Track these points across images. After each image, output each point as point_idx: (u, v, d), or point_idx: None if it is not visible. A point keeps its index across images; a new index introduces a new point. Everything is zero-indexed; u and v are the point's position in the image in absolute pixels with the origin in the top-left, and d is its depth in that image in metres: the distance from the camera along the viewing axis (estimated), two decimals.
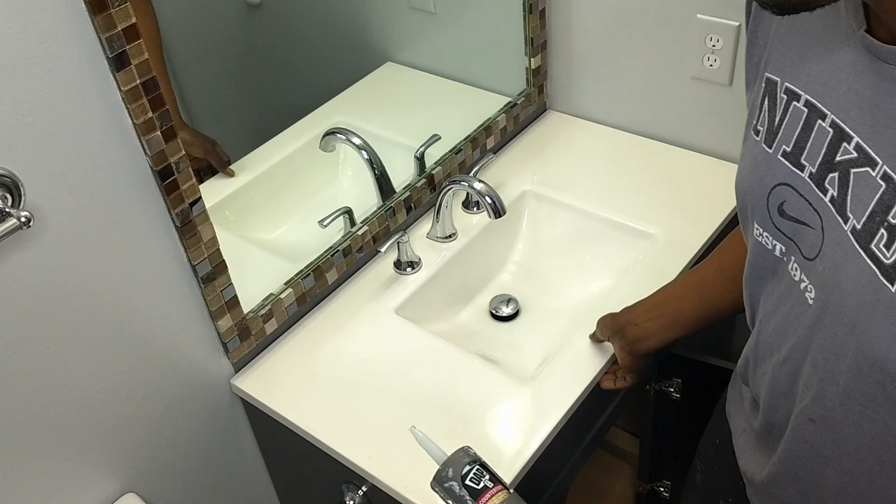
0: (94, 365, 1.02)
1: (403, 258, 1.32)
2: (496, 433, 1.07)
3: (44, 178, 0.87)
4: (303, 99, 1.27)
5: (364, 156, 1.30)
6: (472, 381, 1.13)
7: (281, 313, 1.20)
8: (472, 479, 0.77)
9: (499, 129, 1.50)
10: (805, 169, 0.68)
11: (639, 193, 1.41)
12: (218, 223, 1.06)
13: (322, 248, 1.26)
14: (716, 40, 1.35)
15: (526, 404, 1.10)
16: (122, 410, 1.08)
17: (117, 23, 0.85)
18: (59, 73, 0.84)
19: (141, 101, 0.91)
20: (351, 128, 1.30)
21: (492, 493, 0.76)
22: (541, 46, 1.52)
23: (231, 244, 1.10)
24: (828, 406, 0.68)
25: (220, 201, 1.12)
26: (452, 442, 0.84)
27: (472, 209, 1.43)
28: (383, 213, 1.32)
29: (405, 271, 1.32)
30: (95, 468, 1.09)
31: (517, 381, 1.13)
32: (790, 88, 0.71)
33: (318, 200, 1.34)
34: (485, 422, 1.08)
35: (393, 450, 1.05)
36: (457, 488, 0.77)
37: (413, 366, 1.17)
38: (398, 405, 1.11)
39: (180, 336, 1.10)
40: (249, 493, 1.37)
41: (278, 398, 1.15)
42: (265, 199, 1.25)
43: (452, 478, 0.77)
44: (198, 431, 1.21)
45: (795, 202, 0.70)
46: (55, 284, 0.93)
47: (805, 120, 0.69)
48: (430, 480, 0.80)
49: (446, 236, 1.37)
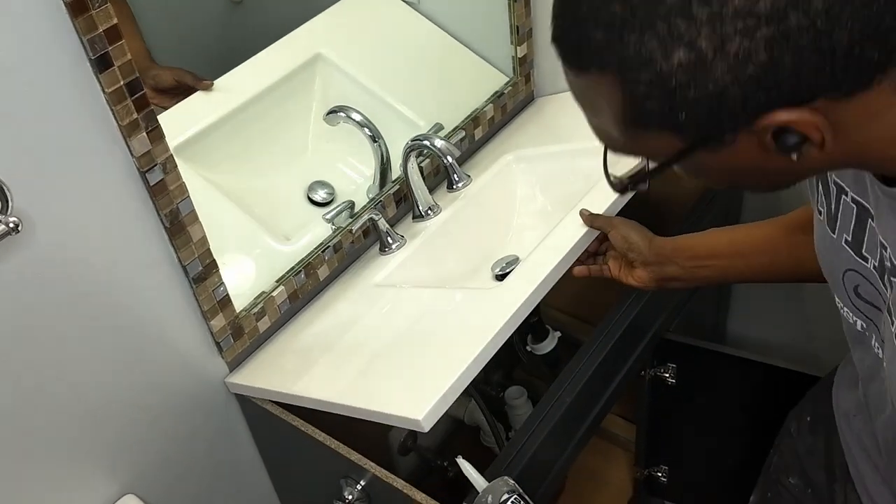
0: (88, 368, 1.02)
1: (384, 237, 1.30)
2: (472, 320, 1.08)
3: (31, 184, 0.87)
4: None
5: (366, 132, 1.29)
6: (451, 306, 1.15)
7: (273, 311, 1.20)
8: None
9: (486, 119, 1.50)
10: (868, 261, 0.69)
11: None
12: (190, 160, 1.08)
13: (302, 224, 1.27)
14: None
15: (500, 293, 1.11)
16: (119, 412, 1.08)
17: (98, 24, 0.84)
18: (42, 78, 0.84)
19: (125, 103, 0.90)
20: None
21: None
22: (526, 35, 1.51)
23: (202, 191, 1.10)
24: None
25: (195, 134, 1.17)
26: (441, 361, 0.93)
27: (455, 187, 1.40)
28: (372, 207, 1.31)
29: (386, 250, 1.30)
30: (94, 470, 1.09)
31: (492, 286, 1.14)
32: (837, 182, 0.70)
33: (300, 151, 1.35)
34: (460, 322, 1.10)
35: (387, 384, 1.05)
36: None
37: (395, 316, 1.18)
38: (389, 351, 1.11)
39: (174, 337, 1.10)
40: (248, 492, 1.37)
41: (272, 380, 1.15)
42: (239, 138, 1.26)
43: (492, 501, 0.80)
44: (195, 431, 1.21)
45: (867, 288, 0.70)
46: (46, 289, 0.93)
47: (857, 216, 0.68)
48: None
49: (426, 210, 1.34)
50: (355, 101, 1.34)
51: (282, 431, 1.15)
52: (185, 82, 1.17)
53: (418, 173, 1.31)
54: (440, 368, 0.97)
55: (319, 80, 1.36)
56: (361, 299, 1.23)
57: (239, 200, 1.21)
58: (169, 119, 0.99)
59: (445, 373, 0.95)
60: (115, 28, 0.86)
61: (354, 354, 1.13)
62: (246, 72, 1.26)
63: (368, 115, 1.29)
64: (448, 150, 1.24)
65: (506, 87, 1.53)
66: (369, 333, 1.16)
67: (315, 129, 1.35)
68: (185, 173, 1.00)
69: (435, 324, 1.12)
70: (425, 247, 1.31)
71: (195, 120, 1.19)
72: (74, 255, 0.94)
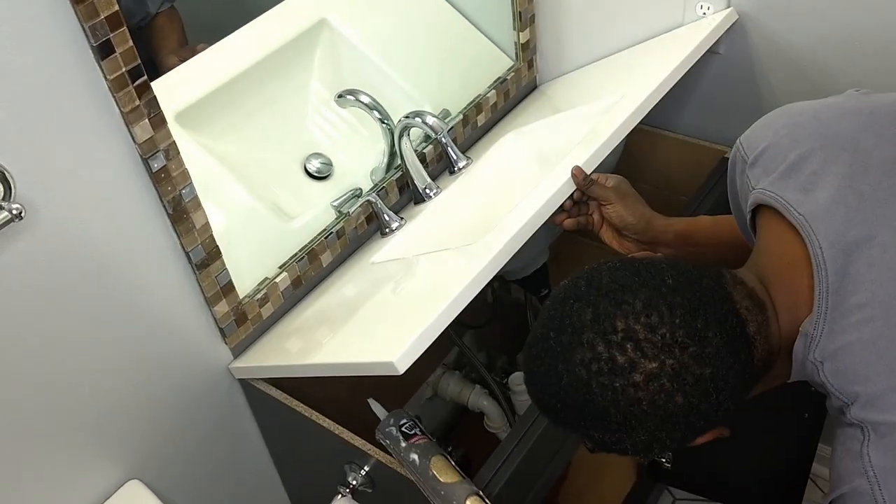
0: (91, 354, 1.02)
1: (382, 217, 1.29)
2: (450, 273, 1.08)
3: (34, 170, 0.87)
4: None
5: (375, 115, 1.27)
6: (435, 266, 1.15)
7: (277, 297, 1.20)
8: (406, 427, 1.02)
9: (489, 105, 1.49)
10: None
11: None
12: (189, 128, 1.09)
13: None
14: (706, 8, 1.34)
15: (479, 248, 1.09)
16: (123, 399, 1.08)
17: (100, 11, 0.84)
18: (44, 65, 0.84)
19: (128, 89, 0.90)
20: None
21: (419, 438, 1.01)
22: (529, 20, 1.51)
23: (201, 162, 1.11)
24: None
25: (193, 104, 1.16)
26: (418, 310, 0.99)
27: (455, 169, 1.39)
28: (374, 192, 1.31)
29: (386, 232, 1.30)
30: (98, 456, 1.09)
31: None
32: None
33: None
34: (439, 278, 1.09)
35: (364, 339, 1.06)
36: (394, 432, 1.02)
37: (384, 283, 1.18)
38: (371, 313, 1.11)
39: (177, 323, 1.10)
40: (252, 478, 1.38)
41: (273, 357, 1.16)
42: (238, 106, 1.25)
43: (392, 425, 1.03)
44: (199, 417, 1.21)
45: None
46: (49, 275, 0.93)
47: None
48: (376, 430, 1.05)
49: (424, 188, 1.32)
50: (360, 73, 1.33)
51: (286, 418, 1.15)
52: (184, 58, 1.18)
53: (412, 152, 1.30)
54: (416, 316, 0.97)
55: (321, 49, 1.35)
56: (358, 276, 1.24)
57: (236, 170, 1.20)
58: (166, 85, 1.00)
59: (420, 318, 0.95)
60: (117, 15, 0.86)
61: (337, 322, 1.14)
62: (249, 34, 1.25)
63: (373, 91, 1.28)
64: (439, 127, 1.22)
65: (508, 73, 1.53)
66: (356, 303, 1.17)
67: (315, 99, 1.35)
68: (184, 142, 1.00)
69: (418, 283, 1.12)
70: (423, 224, 1.30)
71: (195, 86, 1.19)
72: (77, 243, 0.94)
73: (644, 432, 0.76)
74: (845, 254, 0.76)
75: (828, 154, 0.82)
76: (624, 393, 0.74)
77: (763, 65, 1.36)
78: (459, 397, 1.65)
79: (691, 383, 0.74)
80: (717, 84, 1.44)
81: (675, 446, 0.80)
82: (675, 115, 1.52)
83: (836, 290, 0.76)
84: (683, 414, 0.75)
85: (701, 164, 1.45)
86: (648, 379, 0.74)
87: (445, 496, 0.95)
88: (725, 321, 0.77)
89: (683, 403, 0.75)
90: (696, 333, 0.75)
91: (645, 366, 0.74)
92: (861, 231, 0.77)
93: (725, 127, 1.09)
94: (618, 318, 0.75)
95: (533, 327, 0.85)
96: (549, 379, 0.79)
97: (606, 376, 0.75)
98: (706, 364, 0.75)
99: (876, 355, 0.74)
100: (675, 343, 0.74)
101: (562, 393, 0.78)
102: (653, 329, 0.75)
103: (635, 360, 0.74)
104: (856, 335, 0.75)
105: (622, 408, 0.75)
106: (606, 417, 0.76)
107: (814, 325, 0.77)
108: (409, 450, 1.00)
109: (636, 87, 1.25)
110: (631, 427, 0.76)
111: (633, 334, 0.75)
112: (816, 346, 0.77)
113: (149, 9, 1.21)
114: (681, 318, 0.75)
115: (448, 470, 0.97)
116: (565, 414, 0.80)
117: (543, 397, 0.82)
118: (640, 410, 0.75)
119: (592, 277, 0.81)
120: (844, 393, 0.76)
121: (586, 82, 1.51)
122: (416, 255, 1.21)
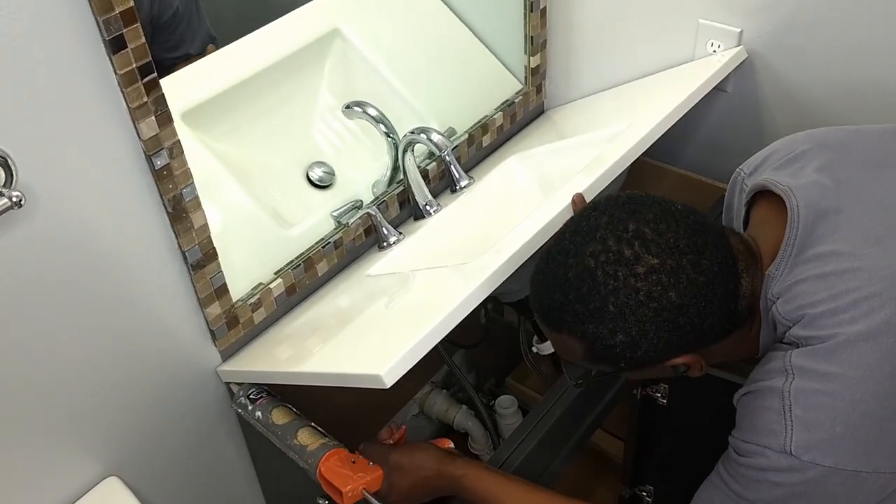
0: (78, 347, 1.02)
1: (380, 231, 1.29)
2: (446, 291, 1.08)
3: (36, 159, 0.87)
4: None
5: (381, 129, 1.27)
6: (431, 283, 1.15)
7: (270, 303, 1.20)
8: (252, 394, 1.16)
9: (495, 126, 1.50)
10: None
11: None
12: (195, 127, 1.10)
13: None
14: (717, 45, 1.35)
15: (474, 267, 1.09)
16: (107, 394, 1.08)
17: (115, 5, 0.84)
18: (54, 54, 0.84)
19: (136, 85, 0.90)
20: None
21: (262, 400, 1.14)
22: (541, 45, 1.52)
23: (205, 162, 1.12)
24: None
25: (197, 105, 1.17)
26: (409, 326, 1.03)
27: (457, 188, 1.39)
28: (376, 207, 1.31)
29: (384, 245, 1.30)
30: (78, 450, 1.09)
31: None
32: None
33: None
34: (434, 294, 1.11)
35: (354, 350, 1.06)
36: (243, 400, 1.16)
37: (379, 296, 1.18)
38: (363, 325, 1.11)
39: (168, 322, 1.10)
40: (232, 482, 1.37)
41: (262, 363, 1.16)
42: (245, 109, 1.26)
43: (242, 395, 1.16)
44: (183, 418, 1.21)
45: None
46: (44, 265, 0.93)
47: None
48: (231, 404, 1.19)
49: (425, 205, 1.32)
50: (368, 85, 1.34)
51: None
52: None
53: (415, 167, 1.30)
54: (408, 331, 0.97)
55: (332, 59, 1.35)
56: (353, 288, 1.24)
57: (238, 173, 1.21)
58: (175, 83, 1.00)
59: (411, 334, 0.95)
60: (131, 10, 0.86)
61: (328, 332, 1.14)
62: (261, 38, 1.26)
63: (380, 104, 1.28)
64: (444, 145, 1.23)
65: (517, 96, 1.53)
66: (348, 315, 1.17)
67: (322, 107, 1.35)
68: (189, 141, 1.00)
69: (411, 298, 1.12)
70: (421, 240, 1.30)
71: (204, 87, 1.19)
72: (74, 235, 0.94)
73: (636, 325, 0.84)
74: (817, 215, 0.87)
75: (815, 153, 0.95)
76: (625, 282, 0.83)
77: (769, 105, 1.37)
78: (445, 416, 1.65)
79: (685, 284, 0.83)
80: (722, 121, 1.44)
81: (660, 350, 0.86)
82: (678, 150, 1.52)
83: (802, 241, 0.87)
84: (674, 311, 0.83)
85: (701, 199, 1.46)
86: (649, 272, 0.83)
87: (282, 435, 1.08)
88: (721, 248, 0.87)
89: (675, 301, 0.83)
90: (696, 247, 0.85)
91: (648, 260, 0.83)
92: (833, 203, 0.88)
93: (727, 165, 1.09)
94: (630, 221, 0.85)
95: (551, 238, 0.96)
96: (558, 272, 0.88)
97: (612, 265, 0.84)
98: (701, 272, 0.84)
99: (824, 287, 0.83)
100: (677, 248, 0.84)
101: (567, 284, 0.86)
102: (660, 234, 0.84)
103: (640, 254, 0.83)
104: (810, 273, 0.85)
105: (621, 296, 0.83)
106: (605, 306, 0.84)
107: (776, 266, 0.88)
108: (254, 410, 1.13)
109: (642, 118, 1.26)
110: (625, 318, 0.84)
111: (641, 235, 0.84)
112: (775, 284, 0.87)
113: (188, 50, 1.27)
114: (685, 231, 0.85)
115: (285, 416, 1.10)
116: (567, 307, 0.87)
117: (549, 293, 0.89)
118: (636, 301, 0.83)
119: (611, 196, 0.91)
120: (791, 318, 0.85)
121: (593, 110, 1.51)
122: (411, 271, 1.21)
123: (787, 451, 0.80)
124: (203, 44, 1.28)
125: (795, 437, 0.80)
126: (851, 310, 0.81)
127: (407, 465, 1.04)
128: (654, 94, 1.41)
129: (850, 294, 0.81)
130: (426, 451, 1.06)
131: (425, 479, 1.04)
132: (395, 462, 1.04)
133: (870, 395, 0.78)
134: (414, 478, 1.04)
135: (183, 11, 1.26)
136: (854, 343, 0.79)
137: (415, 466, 1.04)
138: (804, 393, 0.80)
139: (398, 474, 1.03)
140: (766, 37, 1.31)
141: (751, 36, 1.32)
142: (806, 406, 0.80)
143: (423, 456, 1.05)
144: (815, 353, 0.81)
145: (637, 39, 1.45)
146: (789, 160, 0.96)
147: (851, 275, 0.83)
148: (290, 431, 1.07)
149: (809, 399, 0.80)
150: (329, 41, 1.34)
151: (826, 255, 0.85)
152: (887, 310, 0.80)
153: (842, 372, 0.79)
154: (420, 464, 1.04)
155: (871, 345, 0.79)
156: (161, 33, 1.24)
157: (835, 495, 0.80)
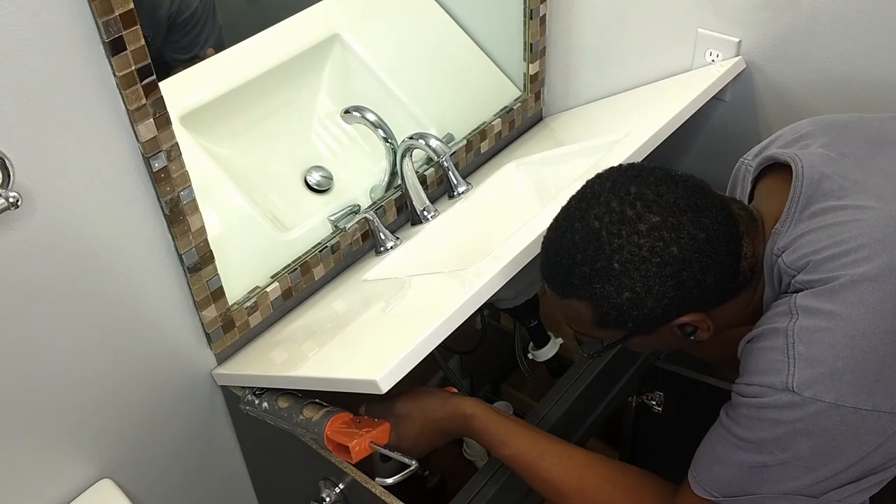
0: (73, 349, 1.01)
1: (378, 235, 1.29)
2: (442, 297, 1.07)
3: (34, 160, 0.87)
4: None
5: (380, 133, 1.27)
6: (427, 288, 1.15)
7: (266, 306, 1.20)
8: (257, 392, 1.14)
9: (494, 133, 1.50)
10: None
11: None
12: (194, 130, 1.10)
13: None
14: (716, 55, 1.36)
15: (471, 274, 1.09)
16: (101, 395, 1.08)
17: (115, 7, 0.84)
18: (53, 55, 0.84)
19: (135, 88, 0.90)
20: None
21: (268, 393, 1.13)
22: (540, 52, 1.52)
23: (203, 165, 1.12)
24: None
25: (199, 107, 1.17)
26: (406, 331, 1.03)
27: (455, 194, 1.39)
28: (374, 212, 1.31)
29: (381, 250, 1.30)
30: (71, 452, 1.09)
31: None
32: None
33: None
34: (431, 300, 1.10)
35: (349, 355, 1.06)
36: (249, 396, 1.15)
37: (375, 301, 1.18)
38: (359, 330, 1.11)
39: (163, 325, 1.10)
40: (226, 487, 1.37)
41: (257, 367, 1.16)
42: (244, 113, 1.26)
43: (249, 393, 1.15)
44: (177, 421, 1.20)
45: None
46: (40, 267, 0.93)
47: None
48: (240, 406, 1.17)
49: (422, 210, 1.32)
50: (367, 90, 1.34)
51: (264, 428, 1.14)
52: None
53: (413, 172, 1.30)
54: (404, 336, 0.97)
55: (331, 64, 1.35)
56: (349, 292, 1.23)
57: (236, 176, 1.21)
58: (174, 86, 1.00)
59: (407, 339, 0.95)
60: (131, 13, 0.86)
61: (324, 337, 1.14)
62: (261, 43, 1.26)
63: (379, 110, 1.28)
64: (442, 150, 1.23)
65: (515, 103, 1.53)
66: (344, 319, 1.17)
67: (321, 112, 1.35)
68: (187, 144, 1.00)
69: (408, 304, 1.12)
70: (418, 246, 1.30)
71: (203, 90, 1.19)
72: (70, 236, 0.94)
73: (641, 281, 0.87)
74: (822, 176, 0.91)
75: (820, 133, 0.99)
76: (629, 239, 0.86)
77: (767, 115, 1.37)
78: None
79: (687, 239, 0.86)
80: (720, 131, 1.45)
81: (665, 307, 0.88)
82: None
83: (807, 198, 0.90)
84: (676, 265, 0.86)
85: None
86: (651, 228, 0.86)
87: (288, 416, 1.08)
88: (721, 210, 0.90)
89: (678, 255, 0.86)
90: (696, 206, 0.88)
91: (650, 219, 0.86)
92: (836, 169, 0.91)
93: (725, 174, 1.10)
94: (632, 185, 0.89)
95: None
96: (564, 236, 0.91)
97: (616, 225, 0.87)
98: (701, 229, 0.87)
99: (828, 236, 0.86)
100: (678, 207, 0.87)
101: (574, 247, 0.89)
102: (661, 195, 0.88)
103: (642, 213, 0.87)
104: (815, 225, 0.88)
105: (625, 254, 0.86)
106: (610, 264, 0.87)
107: (782, 223, 0.90)
108: (261, 403, 1.13)
109: (640, 126, 1.26)
110: (629, 275, 0.87)
111: (643, 196, 0.88)
112: (781, 239, 0.89)
113: (198, 53, 1.26)
114: (685, 192, 0.89)
115: (290, 399, 1.11)
116: (574, 270, 0.89)
117: (557, 258, 0.92)
118: (639, 257, 0.86)
119: (614, 167, 0.94)
120: (796, 266, 0.87)
121: (591, 118, 1.52)
122: (408, 276, 1.21)
123: (789, 387, 0.81)
124: (215, 48, 1.28)
125: (798, 373, 0.81)
126: (854, 253, 0.83)
127: (414, 411, 1.05)
128: (652, 102, 1.41)
129: (854, 241, 0.84)
130: (432, 395, 1.07)
131: (434, 421, 1.05)
132: (401, 411, 1.05)
133: (871, 331, 0.80)
134: (422, 422, 1.05)
135: (200, 13, 1.27)
136: (857, 283, 0.81)
137: (422, 411, 1.05)
138: (808, 330, 0.82)
139: (405, 422, 1.05)
140: (764, 47, 1.31)
141: (749, 46, 1.33)
142: (809, 342, 0.81)
143: (429, 400, 1.06)
144: (819, 293, 0.83)
145: (636, 48, 1.45)
146: (794, 139, 1.00)
147: (855, 224, 0.85)
148: (296, 409, 1.08)
149: (813, 336, 0.82)
150: (329, 46, 1.34)
151: (831, 209, 0.88)
152: (890, 254, 0.82)
153: (844, 310, 0.81)
154: (427, 407, 1.06)
155: (873, 285, 0.81)
156: (175, 33, 1.24)
157: (835, 433, 0.80)
